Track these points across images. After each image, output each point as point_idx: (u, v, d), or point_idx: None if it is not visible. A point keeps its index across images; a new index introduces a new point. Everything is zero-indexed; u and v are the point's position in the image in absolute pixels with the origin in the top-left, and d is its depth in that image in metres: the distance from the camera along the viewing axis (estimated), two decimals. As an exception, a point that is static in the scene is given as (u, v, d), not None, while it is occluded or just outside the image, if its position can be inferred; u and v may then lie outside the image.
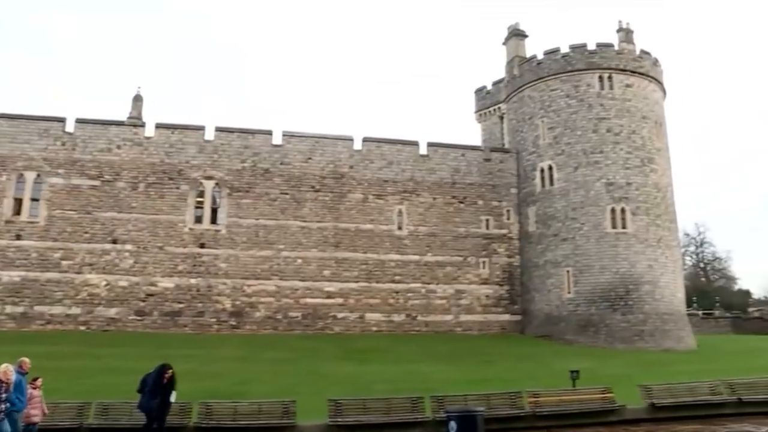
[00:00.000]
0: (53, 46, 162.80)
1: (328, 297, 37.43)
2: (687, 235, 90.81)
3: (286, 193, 38.35)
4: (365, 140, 40.65)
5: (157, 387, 13.77)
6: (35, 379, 12.88)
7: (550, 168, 40.48)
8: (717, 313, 70.57)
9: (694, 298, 69.49)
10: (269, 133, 39.15)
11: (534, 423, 16.28)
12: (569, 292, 38.36)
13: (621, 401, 17.13)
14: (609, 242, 38.10)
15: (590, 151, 39.33)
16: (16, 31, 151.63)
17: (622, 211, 38.43)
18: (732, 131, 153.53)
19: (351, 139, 40.41)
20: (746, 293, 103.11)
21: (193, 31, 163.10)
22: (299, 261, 37.56)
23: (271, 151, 38.82)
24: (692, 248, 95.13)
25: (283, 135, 39.37)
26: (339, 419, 15.50)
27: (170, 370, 14.01)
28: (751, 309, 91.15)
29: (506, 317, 40.52)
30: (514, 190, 42.55)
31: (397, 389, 18.57)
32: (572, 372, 18.98)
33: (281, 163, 38.78)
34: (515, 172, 42.75)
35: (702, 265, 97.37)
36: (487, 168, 42.42)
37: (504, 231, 41.89)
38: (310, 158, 39.32)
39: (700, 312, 66.86)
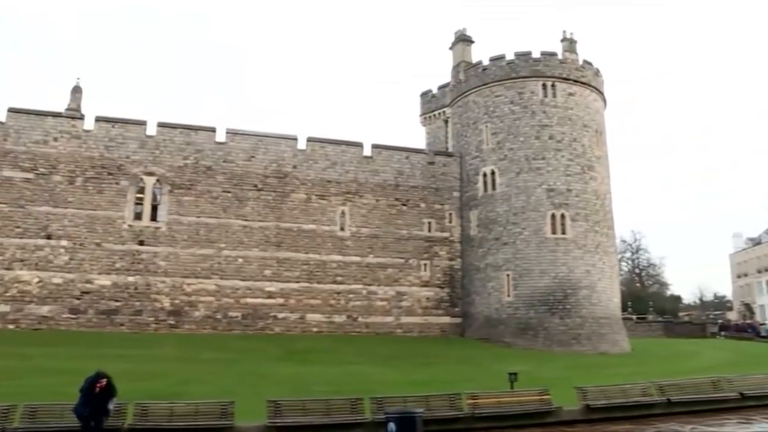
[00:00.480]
0: (53, 46, 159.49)
1: (269, 297, 37.10)
2: (624, 241, 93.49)
3: (229, 192, 37.84)
4: (309, 140, 40.43)
5: (89, 395, 13.35)
6: None
7: (493, 173, 40.99)
8: (650, 317, 72.51)
9: (629, 302, 71.37)
10: (212, 130, 38.56)
11: (473, 424, 16.53)
12: (509, 296, 38.90)
13: (558, 403, 17.56)
14: (549, 247, 38.79)
15: (532, 157, 39.98)
16: (16, 31, 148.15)
17: (562, 216, 39.16)
18: (674, 140, 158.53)
19: (295, 139, 40.13)
20: (677, 298, 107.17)
21: (193, 31, 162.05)
22: (240, 260, 37.12)
23: (214, 149, 38.25)
24: (628, 254, 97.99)
25: (227, 132, 38.84)
26: (278, 420, 15.38)
27: (104, 380, 13.53)
28: (681, 314, 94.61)
29: (446, 319, 40.90)
30: (456, 194, 42.97)
31: (337, 390, 18.63)
32: (510, 374, 19.32)
33: (224, 161, 38.24)
34: (458, 175, 43.17)
35: (637, 271, 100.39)
36: (431, 171, 42.72)
37: (446, 234, 42.25)
38: (253, 156, 38.90)
39: (634, 316, 68.61)
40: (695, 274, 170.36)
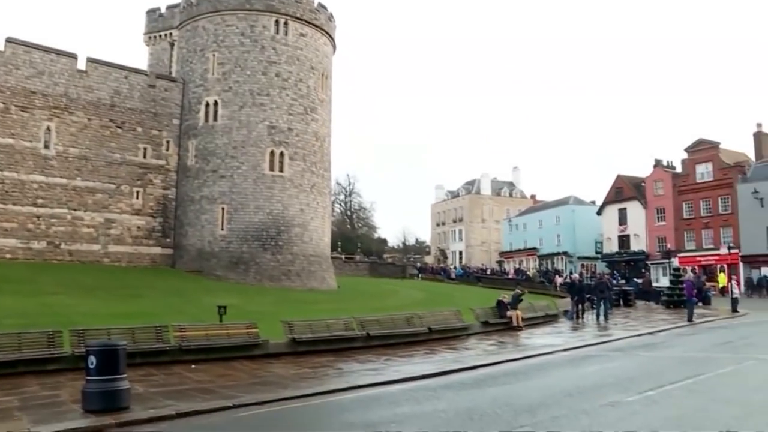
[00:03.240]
0: None
1: (-47, 218, 34.03)
2: (339, 184, 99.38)
3: None
4: (10, 41, 36.67)
5: None
6: None
7: (216, 103, 41.33)
8: (358, 257, 78.00)
9: (340, 242, 76.23)
10: None
11: (180, 357, 16.74)
12: (223, 230, 40.06)
13: (265, 336, 18.49)
14: (266, 184, 40.54)
15: (257, 92, 41.06)
16: None
17: (281, 155, 41.05)
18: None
19: (-6, 39, 36.55)
20: (384, 241, 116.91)
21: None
22: None
23: None
24: (342, 197, 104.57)
25: None
26: (-48, 360, 14.09)
27: None
28: (386, 255, 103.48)
29: (158, 250, 40.97)
30: (176, 121, 42.64)
31: (33, 323, 17.82)
32: (220, 307, 20.28)
33: None
34: (180, 102, 42.79)
35: (349, 213, 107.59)
36: (151, 95, 41.79)
37: (162, 162, 41.90)
38: (-65, 52, 34.75)
39: (343, 256, 73.30)
40: (401, 220, 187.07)
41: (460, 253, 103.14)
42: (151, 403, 11.74)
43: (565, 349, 20.27)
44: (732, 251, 41.63)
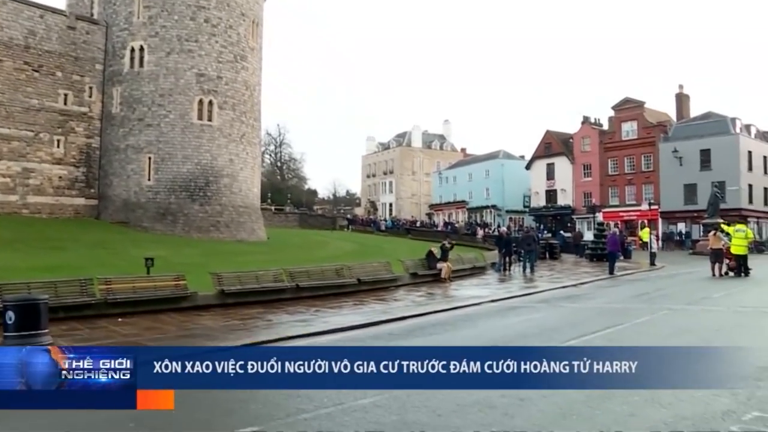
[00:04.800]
0: None
1: None
2: (269, 134, 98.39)
3: None
4: None
5: None
6: None
7: (142, 49, 39.89)
8: (288, 209, 77.93)
9: (270, 194, 75.84)
10: None
11: (106, 310, 16.42)
12: (150, 180, 39.17)
13: (194, 288, 18.32)
14: (194, 133, 39.69)
15: (185, 38, 39.82)
16: None
17: (210, 103, 40.19)
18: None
19: None
20: (314, 193, 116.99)
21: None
22: None
23: None
24: (272, 147, 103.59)
25: None
26: None
27: None
28: (316, 207, 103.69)
29: (81, 201, 39.74)
30: (99, 67, 41.01)
31: None
32: (147, 259, 19.92)
33: None
34: (103, 47, 41.08)
35: (279, 164, 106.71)
36: (71, 37, 39.96)
37: (84, 109, 40.38)
38: None
39: (273, 207, 73.10)
40: (332, 172, 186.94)
41: (391, 205, 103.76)
42: (75, 357, 11.53)
43: (492, 300, 20.65)
44: (652, 207, 43.25)
